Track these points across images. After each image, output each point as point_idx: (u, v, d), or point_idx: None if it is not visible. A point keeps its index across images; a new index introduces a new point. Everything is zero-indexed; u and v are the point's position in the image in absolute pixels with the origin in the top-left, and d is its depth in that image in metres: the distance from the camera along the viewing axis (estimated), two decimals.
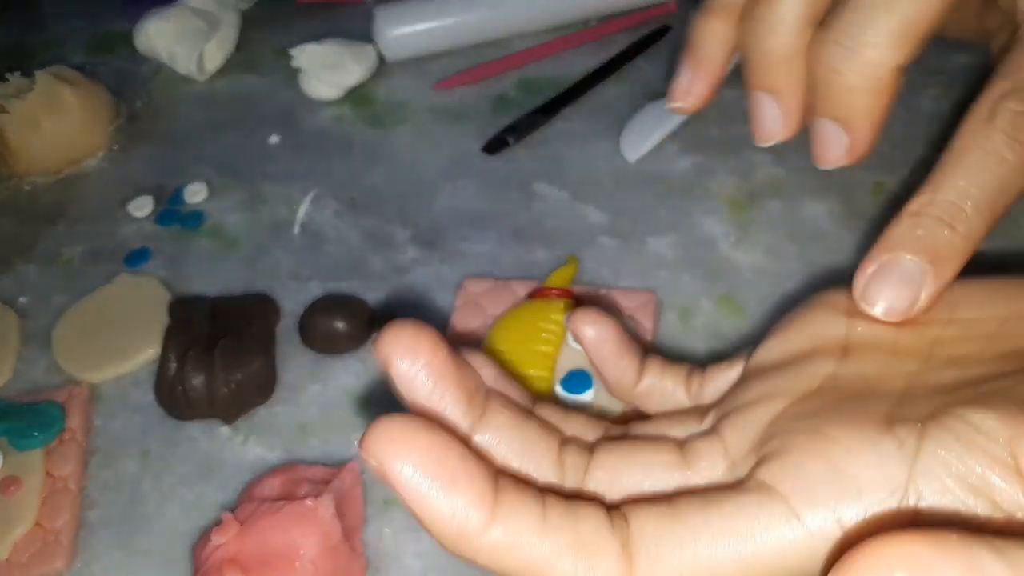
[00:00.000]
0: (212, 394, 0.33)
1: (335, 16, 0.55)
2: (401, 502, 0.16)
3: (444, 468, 0.16)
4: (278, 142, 0.47)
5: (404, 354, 0.17)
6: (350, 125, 0.47)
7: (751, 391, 0.20)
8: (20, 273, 0.42)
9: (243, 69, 0.52)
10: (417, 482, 0.16)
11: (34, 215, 0.45)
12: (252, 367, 0.33)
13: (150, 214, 0.43)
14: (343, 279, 0.39)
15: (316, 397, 0.34)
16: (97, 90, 0.48)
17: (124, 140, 0.48)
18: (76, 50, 0.56)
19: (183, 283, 0.40)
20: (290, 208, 0.43)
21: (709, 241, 0.38)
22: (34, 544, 0.31)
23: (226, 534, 0.28)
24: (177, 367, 0.33)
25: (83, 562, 0.31)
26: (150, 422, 0.34)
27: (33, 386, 0.37)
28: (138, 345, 0.36)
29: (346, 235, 0.41)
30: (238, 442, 0.33)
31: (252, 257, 0.41)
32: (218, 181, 0.45)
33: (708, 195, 0.40)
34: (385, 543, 0.30)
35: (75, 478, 0.33)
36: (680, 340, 0.34)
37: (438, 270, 0.38)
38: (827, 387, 0.19)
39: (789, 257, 0.37)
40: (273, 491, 0.30)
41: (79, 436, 0.34)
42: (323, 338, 0.35)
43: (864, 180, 0.40)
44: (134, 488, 0.33)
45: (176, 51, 0.51)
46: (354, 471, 0.30)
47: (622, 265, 0.37)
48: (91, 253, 0.42)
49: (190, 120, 0.49)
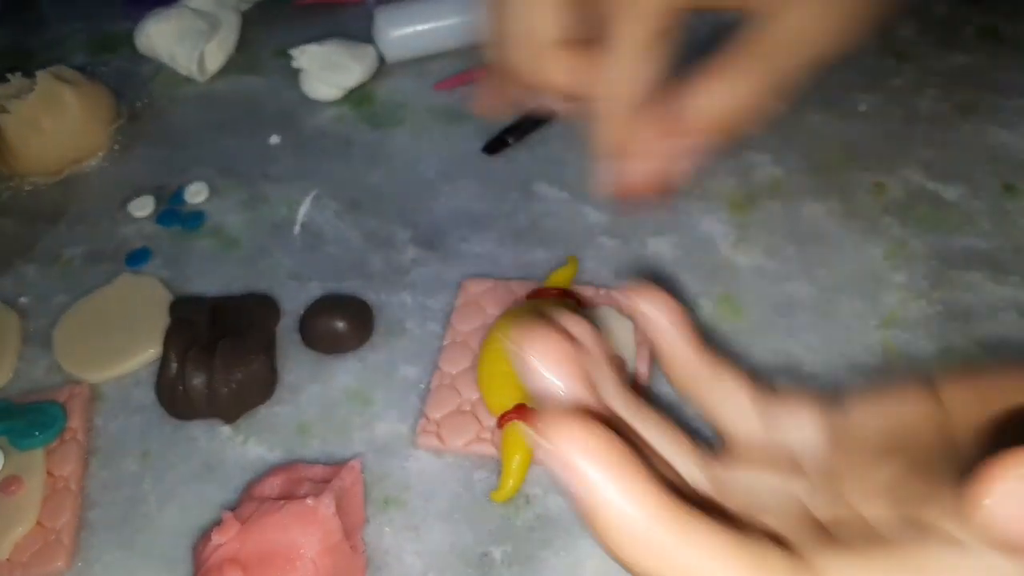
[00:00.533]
0: (213, 394, 0.33)
1: (335, 17, 0.55)
2: (574, 498, 0.15)
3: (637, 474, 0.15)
4: (278, 142, 0.47)
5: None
6: (350, 125, 0.47)
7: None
8: (21, 273, 0.42)
9: (244, 70, 0.52)
10: (606, 486, 0.15)
11: (35, 215, 0.45)
12: (252, 367, 0.34)
13: (151, 214, 0.44)
14: (343, 279, 0.39)
15: (316, 397, 0.34)
16: (98, 90, 0.48)
17: (125, 140, 0.48)
18: (77, 51, 0.56)
19: (184, 283, 0.40)
20: (290, 208, 0.43)
21: (709, 241, 0.38)
22: (35, 543, 0.31)
23: (227, 533, 0.28)
24: (178, 367, 0.34)
25: (84, 561, 0.31)
26: (151, 422, 0.34)
27: (34, 386, 0.37)
28: (139, 345, 0.37)
29: (346, 235, 0.41)
30: (238, 442, 0.33)
31: (253, 257, 0.41)
32: (219, 181, 0.45)
33: (708, 196, 0.40)
34: (385, 542, 0.30)
35: (76, 478, 0.33)
36: None
37: (438, 270, 0.38)
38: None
39: (788, 257, 0.37)
40: (273, 490, 0.30)
41: (80, 436, 0.34)
42: (323, 338, 0.35)
43: (863, 180, 0.40)
44: (135, 487, 0.33)
45: (177, 52, 0.51)
46: (354, 470, 0.31)
47: (622, 265, 0.37)
48: (92, 253, 0.42)
49: (191, 120, 0.49)
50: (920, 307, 0.35)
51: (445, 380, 0.33)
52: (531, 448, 0.30)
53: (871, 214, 0.38)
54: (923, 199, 0.39)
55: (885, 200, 0.39)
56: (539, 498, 0.30)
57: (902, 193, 0.39)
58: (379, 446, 0.33)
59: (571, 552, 0.29)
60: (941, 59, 0.46)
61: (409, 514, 0.30)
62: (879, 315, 0.34)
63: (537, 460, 0.31)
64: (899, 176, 0.40)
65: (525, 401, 0.31)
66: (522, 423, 0.31)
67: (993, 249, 0.37)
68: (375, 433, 0.33)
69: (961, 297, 0.35)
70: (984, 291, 0.35)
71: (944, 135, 0.42)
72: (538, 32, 0.28)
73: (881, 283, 0.36)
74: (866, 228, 0.38)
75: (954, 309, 0.34)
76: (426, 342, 0.36)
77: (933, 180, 0.40)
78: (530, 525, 0.30)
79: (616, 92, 0.27)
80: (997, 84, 0.44)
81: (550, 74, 0.29)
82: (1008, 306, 0.34)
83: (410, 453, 0.32)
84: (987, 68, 0.45)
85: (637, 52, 0.27)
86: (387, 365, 0.35)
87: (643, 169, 0.28)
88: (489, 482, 0.31)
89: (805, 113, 0.43)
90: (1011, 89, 0.44)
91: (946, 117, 0.43)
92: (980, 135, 0.41)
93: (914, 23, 0.48)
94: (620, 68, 0.27)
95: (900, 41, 0.47)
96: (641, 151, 0.28)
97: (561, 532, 0.29)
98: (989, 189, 0.39)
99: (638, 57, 0.27)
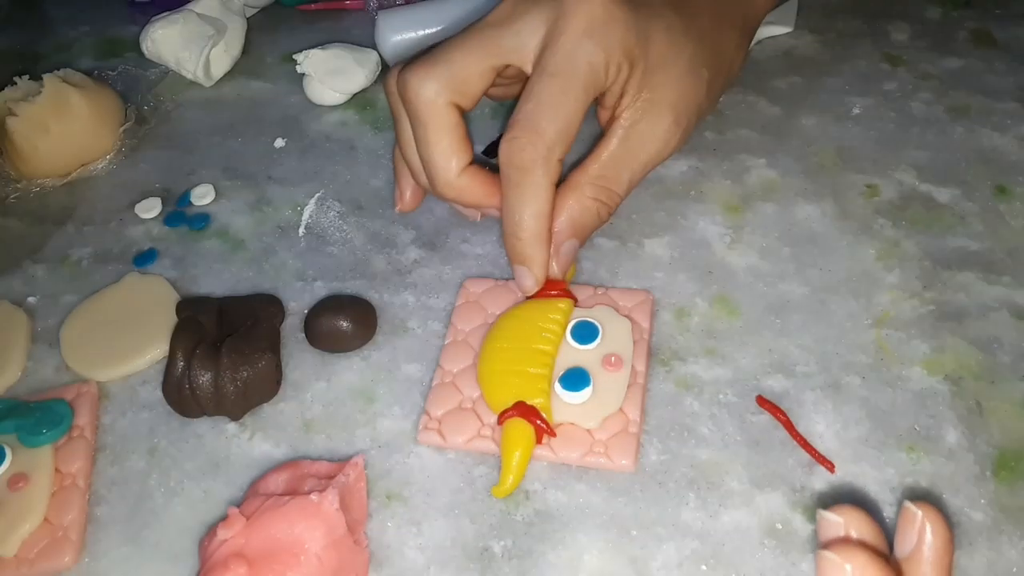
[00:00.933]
0: (219, 392, 0.34)
1: (339, 23, 0.55)
2: None
3: None
4: (283, 146, 0.47)
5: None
6: (354, 129, 0.48)
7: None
8: (29, 273, 0.42)
9: (249, 74, 0.53)
10: None
11: (43, 217, 0.45)
12: (258, 365, 0.34)
13: (158, 216, 0.44)
14: (347, 279, 0.39)
15: (321, 395, 0.35)
16: (105, 94, 0.48)
17: (132, 143, 0.48)
18: (83, 54, 0.57)
19: (190, 283, 0.40)
20: (295, 210, 0.43)
21: (704, 242, 0.39)
22: (43, 539, 0.31)
23: (232, 528, 0.28)
24: (184, 365, 0.34)
25: (91, 557, 0.31)
26: (157, 419, 0.35)
27: (43, 385, 0.37)
28: (146, 344, 0.37)
29: (350, 236, 0.42)
30: (244, 439, 0.34)
31: (258, 258, 0.41)
32: (224, 184, 0.45)
33: (703, 198, 0.41)
34: (388, 537, 0.30)
35: (83, 475, 0.33)
36: (676, 339, 0.35)
37: (439, 271, 0.39)
38: None
39: (782, 258, 0.38)
40: (279, 486, 0.31)
41: (87, 433, 0.34)
42: (328, 337, 0.36)
43: (856, 183, 0.41)
44: (141, 484, 0.33)
45: (182, 56, 0.51)
46: (358, 466, 0.31)
47: (619, 266, 0.38)
48: (99, 254, 0.43)
49: (197, 124, 0.50)
50: (913, 307, 0.35)
51: (446, 378, 0.34)
52: (530, 444, 0.31)
53: (864, 215, 0.39)
54: (916, 201, 0.39)
55: (878, 202, 0.40)
56: (539, 494, 0.31)
57: (895, 195, 0.40)
58: (382, 443, 0.33)
59: (569, 546, 0.29)
60: (934, 63, 0.46)
61: (411, 509, 0.31)
62: (872, 315, 0.35)
63: (536, 456, 0.31)
64: (892, 178, 0.41)
65: (524, 399, 0.31)
66: (522, 420, 0.31)
67: (985, 250, 0.37)
68: (378, 430, 0.33)
69: (953, 297, 0.35)
70: (976, 291, 0.35)
71: (937, 138, 0.42)
72: (440, 167, 0.34)
73: (874, 283, 0.36)
74: (859, 229, 0.38)
75: (946, 309, 0.35)
76: (428, 341, 0.36)
77: (926, 182, 0.40)
78: (530, 520, 0.30)
79: (520, 225, 0.33)
80: (989, 88, 0.45)
81: (458, 198, 0.35)
82: (1000, 306, 0.35)
83: (412, 449, 0.33)
84: (980, 72, 0.46)
85: (535, 192, 0.32)
86: (390, 363, 0.36)
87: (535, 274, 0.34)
88: (490, 478, 0.31)
89: (799, 117, 0.44)
90: (1003, 93, 0.44)
91: (939, 120, 0.43)
92: (972, 138, 0.42)
93: (907, 27, 0.49)
94: (521, 203, 0.32)
95: (893, 45, 0.48)
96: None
97: (560, 527, 0.30)
98: (981, 191, 0.40)
99: (535, 195, 0.32)
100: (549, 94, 0.31)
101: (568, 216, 0.34)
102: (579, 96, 0.31)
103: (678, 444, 0.32)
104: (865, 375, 0.33)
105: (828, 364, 0.33)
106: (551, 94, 0.31)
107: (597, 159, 0.34)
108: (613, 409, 0.32)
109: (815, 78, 0.46)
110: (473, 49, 0.33)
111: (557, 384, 0.32)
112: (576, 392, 0.32)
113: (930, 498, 0.29)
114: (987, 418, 0.31)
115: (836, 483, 0.30)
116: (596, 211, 0.34)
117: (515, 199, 0.32)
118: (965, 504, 0.29)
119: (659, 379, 0.34)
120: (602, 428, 0.31)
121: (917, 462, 0.30)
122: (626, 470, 0.31)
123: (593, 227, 0.35)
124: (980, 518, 0.29)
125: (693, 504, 0.30)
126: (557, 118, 0.31)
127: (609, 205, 0.35)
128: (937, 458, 0.30)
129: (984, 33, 0.48)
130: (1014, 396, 0.32)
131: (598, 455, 0.31)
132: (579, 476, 0.31)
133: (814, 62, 0.47)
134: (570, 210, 0.34)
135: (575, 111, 0.32)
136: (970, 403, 0.32)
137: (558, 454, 0.31)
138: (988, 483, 0.30)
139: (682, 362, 0.34)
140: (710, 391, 0.33)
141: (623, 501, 0.30)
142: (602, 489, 0.31)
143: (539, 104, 0.31)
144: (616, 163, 0.34)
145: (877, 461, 0.31)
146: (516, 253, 0.33)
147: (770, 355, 0.34)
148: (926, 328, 0.34)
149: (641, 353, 0.34)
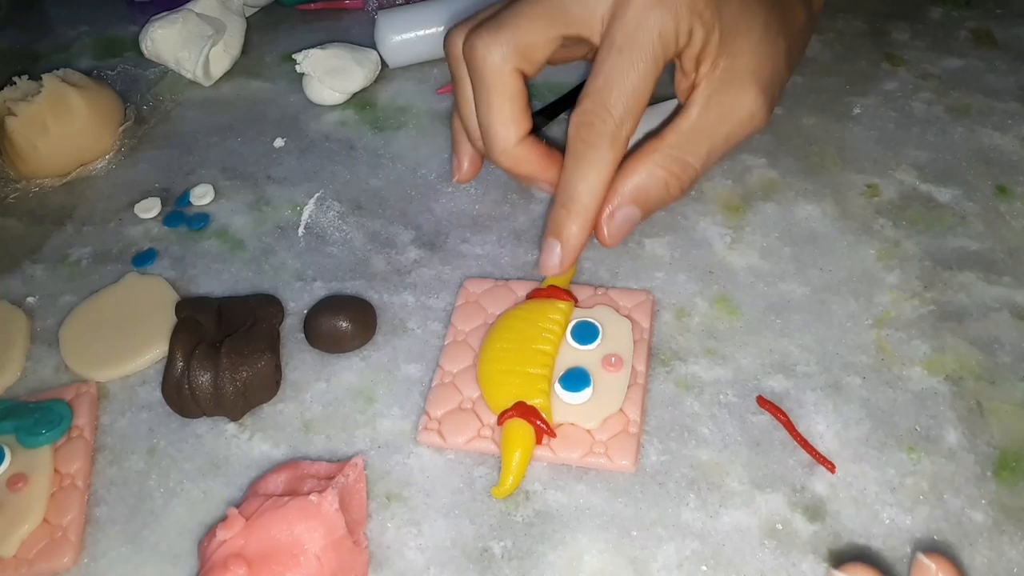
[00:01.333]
0: (218, 392, 0.34)
1: (338, 23, 0.55)
2: None
3: None
4: (283, 145, 0.47)
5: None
6: (353, 129, 0.48)
7: None
8: (29, 273, 0.42)
9: (248, 74, 0.53)
10: None
11: (42, 217, 0.45)
12: (258, 366, 0.34)
13: (157, 216, 0.44)
14: (346, 279, 0.39)
15: (320, 395, 0.35)
16: (104, 93, 0.48)
17: (131, 143, 0.48)
18: (83, 54, 0.57)
19: (189, 283, 0.40)
20: (294, 210, 0.43)
21: (705, 243, 0.39)
22: (42, 540, 0.31)
23: (232, 529, 0.28)
24: (184, 366, 0.34)
25: (90, 557, 0.31)
26: (157, 420, 0.35)
27: (42, 385, 0.37)
28: (145, 344, 0.37)
29: (349, 236, 0.42)
30: (244, 439, 0.34)
31: (257, 258, 0.41)
32: (224, 183, 0.45)
33: (704, 198, 0.41)
34: (388, 537, 0.30)
35: (82, 475, 0.33)
36: (676, 339, 0.35)
37: (439, 271, 0.39)
38: None
39: (783, 258, 0.38)
40: (278, 487, 0.31)
41: (87, 434, 0.34)
42: (327, 337, 0.36)
43: (856, 182, 0.40)
44: (141, 485, 0.33)
45: (182, 56, 0.51)
46: (357, 467, 0.31)
47: (620, 266, 0.38)
48: (99, 254, 0.43)
49: (196, 124, 0.50)
50: (913, 307, 0.35)
51: (446, 378, 0.34)
52: (530, 445, 0.31)
53: (864, 215, 0.39)
54: (916, 200, 0.39)
55: (878, 202, 0.40)
56: (538, 494, 0.31)
57: (895, 195, 0.40)
58: (382, 443, 0.33)
59: (569, 546, 0.29)
60: (934, 62, 0.46)
61: (411, 510, 0.31)
62: (872, 315, 0.35)
63: (536, 457, 0.31)
64: (892, 178, 0.40)
65: (524, 399, 0.31)
66: (522, 420, 0.31)
67: (985, 250, 0.37)
68: (378, 430, 0.33)
69: (954, 297, 0.35)
70: (977, 291, 0.35)
71: (937, 138, 0.42)
72: (500, 135, 0.33)
73: (874, 283, 0.36)
74: (859, 229, 0.38)
75: (947, 309, 0.35)
76: (428, 341, 0.36)
77: (926, 182, 0.40)
78: (529, 521, 0.30)
79: (572, 197, 0.32)
80: (990, 87, 0.45)
81: (514, 167, 0.34)
82: (1001, 306, 0.35)
83: (412, 450, 0.33)
84: (980, 71, 0.46)
85: (598, 166, 0.31)
86: (390, 364, 0.36)
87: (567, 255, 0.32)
88: (489, 478, 0.31)
89: (800, 116, 0.44)
90: (1004, 92, 0.44)
91: (939, 120, 0.43)
92: (973, 138, 0.42)
93: (908, 27, 0.49)
94: (579, 176, 0.31)
95: (894, 45, 0.48)
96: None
97: (559, 527, 0.30)
98: (982, 191, 0.40)
99: (597, 169, 0.31)
100: (620, 71, 0.30)
101: (634, 183, 0.32)
102: (649, 69, 0.30)
103: (678, 444, 0.32)
104: (865, 375, 0.33)
105: (828, 364, 0.33)
106: (621, 70, 0.30)
107: (676, 129, 0.32)
108: (613, 409, 0.32)
109: (815, 78, 0.46)
110: (541, 16, 0.32)
111: (557, 384, 0.32)
112: (576, 392, 0.32)
113: (939, 549, 0.29)
114: (987, 418, 0.31)
115: (837, 484, 0.30)
116: (665, 182, 0.32)
117: (574, 169, 0.31)
118: (966, 504, 0.29)
119: (659, 379, 0.34)
120: (602, 428, 0.31)
121: (917, 462, 0.30)
122: (626, 470, 0.31)
123: (659, 200, 0.33)
124: (981, 518, 0.29)
125: (693, 504, 0.30)
126: (625, 94, 0.30)
127: (682, 179, 0.32)
128: (938, 458, 0.30)
129: (984, 33, 0.48)
130: (1014, 396, 0.32)
131: (598, 455, 0.31)
132: (579, 476, 0.31)
133: (814, 62, 0.47)
134: (637, 176, 0.32)
135: (645, 86, 0.31)
136: (971, 403, 0.32)
137: (558, 454, 0.31)
138: (989, 483, 0.30)
139: (682, 362, 0.34)
140: (710, 391, 0.33)
141: (623, 501, 0.30)
142: (602, 489, 0.31)
143: (608, 80, 0.30)
144: (696, 134, 0.32)
145: (877, 461, 0.30)
146: (556, 224, 0.32)
147: (770, 355, 0.34)
148: (926, 328, 0.34)
149: (641, 353, 0.33)
